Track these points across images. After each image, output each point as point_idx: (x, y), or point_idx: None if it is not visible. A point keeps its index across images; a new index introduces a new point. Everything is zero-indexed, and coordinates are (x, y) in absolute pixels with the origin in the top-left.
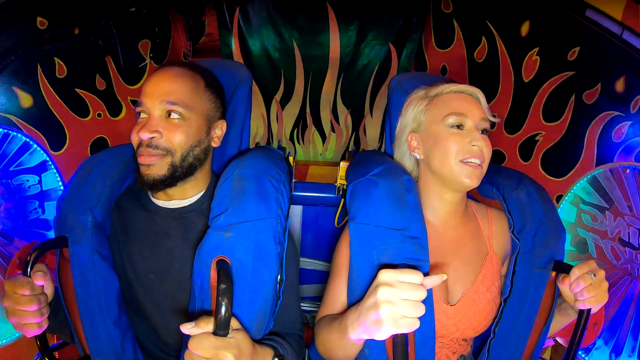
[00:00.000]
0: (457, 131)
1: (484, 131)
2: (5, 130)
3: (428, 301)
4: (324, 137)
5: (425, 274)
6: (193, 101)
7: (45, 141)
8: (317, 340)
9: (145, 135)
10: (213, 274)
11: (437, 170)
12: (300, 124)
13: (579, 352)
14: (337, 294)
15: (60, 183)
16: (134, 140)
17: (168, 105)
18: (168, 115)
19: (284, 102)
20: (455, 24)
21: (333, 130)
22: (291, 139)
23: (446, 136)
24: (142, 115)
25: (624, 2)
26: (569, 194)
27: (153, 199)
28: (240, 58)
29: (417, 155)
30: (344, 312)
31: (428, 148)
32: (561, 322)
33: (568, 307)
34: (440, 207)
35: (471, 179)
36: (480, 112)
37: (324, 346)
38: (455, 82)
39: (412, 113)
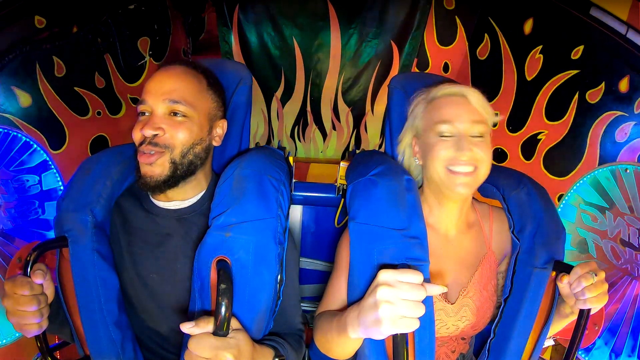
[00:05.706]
0: (445, 139)
1: (478, 134)
2: (5, 130)
3: (428, 301)
4: (324, 135)
5: (426, 280)
6: (196, 100)
7: (45, 140)
8: (316, 334)
9: (148, 132)
10: (213, 274)
11: (430, 177)
12: (301, 121)
13: (579, 352)
14: (338, 291)
15: (60, 183)
16: (137, 137)
17: (171, 104)
18: (171, 114)
19: (284, 100)
20: (458, 20)
21: (334, 128)
22: (292, 136)
23: (435, 143)
24: (145, 113)
25: (630, 1)
26: (569, 194)
27: (153, 200)
28: (240, 55)
29: (417, 160)
30: (343, 310)
31: (423, 155)
32: (559, 323)
33: (566, 308)
34: (442, 213)
35: (465, 187)
36: (471, 115)
37: (323, 342)
38: (453, 82)
39: (412, 119)
